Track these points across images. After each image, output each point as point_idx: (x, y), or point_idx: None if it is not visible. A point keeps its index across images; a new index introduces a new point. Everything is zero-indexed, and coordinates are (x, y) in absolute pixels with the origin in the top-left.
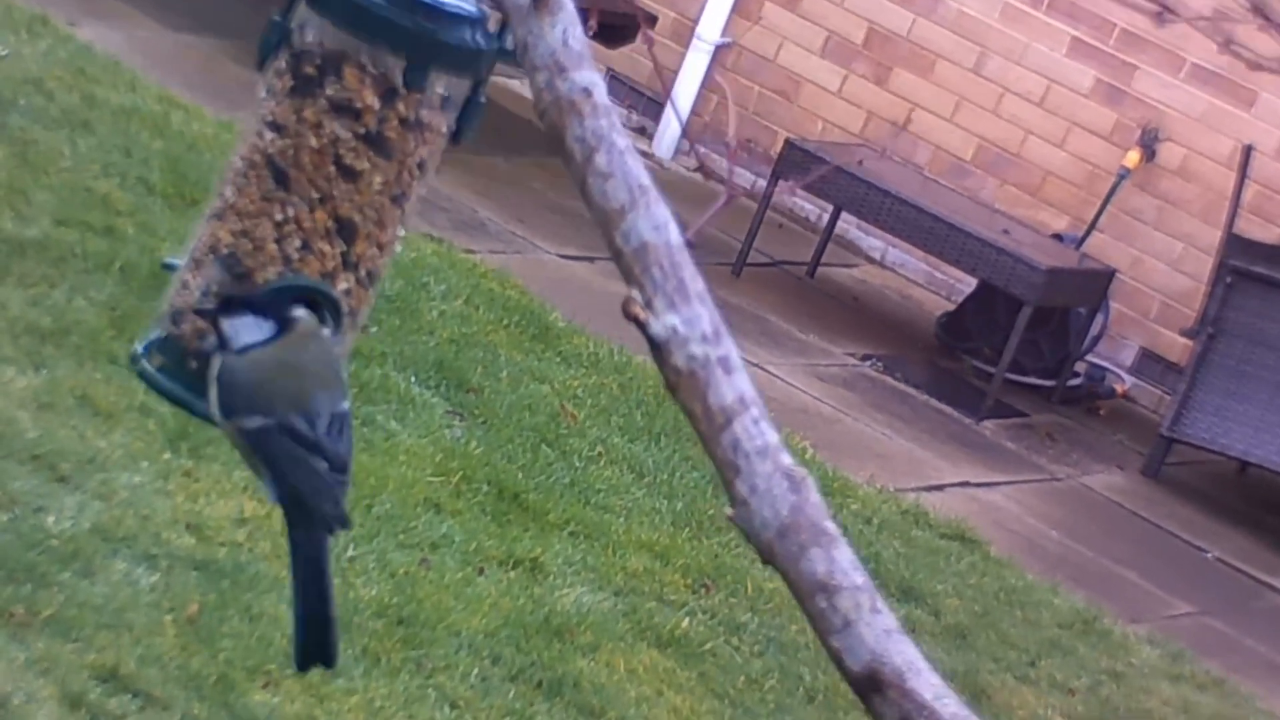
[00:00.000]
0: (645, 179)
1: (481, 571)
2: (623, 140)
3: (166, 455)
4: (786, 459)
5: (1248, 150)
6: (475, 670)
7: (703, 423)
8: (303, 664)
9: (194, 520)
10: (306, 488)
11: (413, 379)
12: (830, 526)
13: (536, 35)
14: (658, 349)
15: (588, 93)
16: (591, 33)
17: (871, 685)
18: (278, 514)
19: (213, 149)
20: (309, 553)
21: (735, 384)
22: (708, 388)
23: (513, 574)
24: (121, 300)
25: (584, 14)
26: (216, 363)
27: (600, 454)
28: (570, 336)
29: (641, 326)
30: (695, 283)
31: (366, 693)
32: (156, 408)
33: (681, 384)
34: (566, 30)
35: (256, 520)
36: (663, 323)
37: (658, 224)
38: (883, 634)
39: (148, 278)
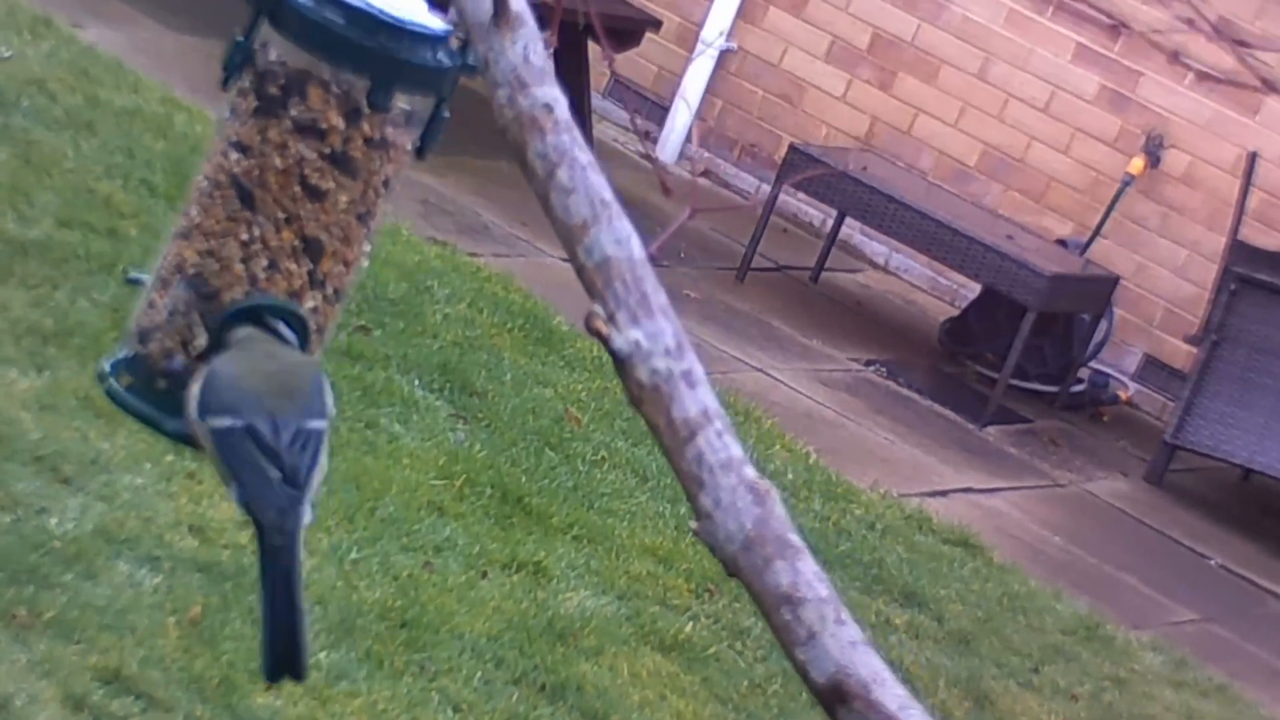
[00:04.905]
0: (607, 194)
1: (485, 575)
2: (585, 155)
3: (169, 457)
4: (750, 472)
5: (1252, 157)
6: (478, 673)
7: (666, 436)
8: (272, 675)
9: (197, 522)
10: (252, 491)
11: (416, 382)
12: (794, 539)
13: (498, 51)
14: (621, 364)
15: (549, 109)
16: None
17: (836, 697)
18: None
19: None
20: (275, 558)
21: (699, 397)
22: (671, 401)
23: (516, 577)
24: (124, 302)
25: (588, 22)
26: (205, 367)
27: (604, 458)
28: (574, 340)
29: (604, 341)
30: (658, 297)
31: (369, 695)
32: None
33: (645, 398)
34: (527, 46)
35: None
36: (625, 337)
37: (620, 238)
38: (848, 645)
39: None
